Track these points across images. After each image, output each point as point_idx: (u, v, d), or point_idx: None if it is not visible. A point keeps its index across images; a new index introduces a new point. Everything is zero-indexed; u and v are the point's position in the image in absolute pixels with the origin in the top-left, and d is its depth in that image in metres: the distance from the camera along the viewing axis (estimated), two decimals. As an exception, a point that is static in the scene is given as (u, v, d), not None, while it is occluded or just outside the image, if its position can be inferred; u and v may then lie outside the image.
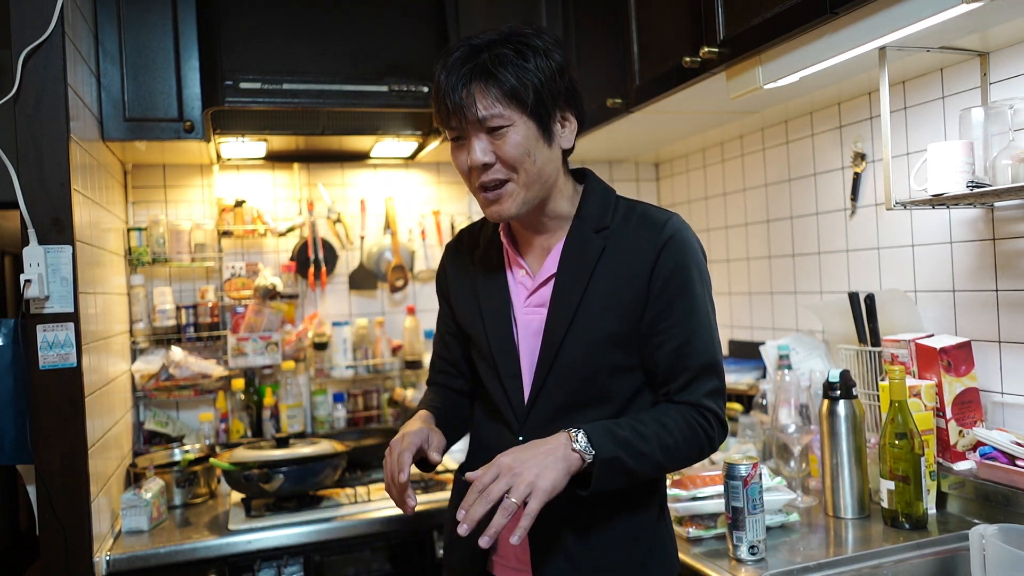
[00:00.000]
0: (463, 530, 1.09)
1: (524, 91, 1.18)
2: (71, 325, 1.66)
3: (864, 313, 1.85)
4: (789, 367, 2.03)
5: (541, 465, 1.11)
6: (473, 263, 1.41)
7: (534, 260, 1.34)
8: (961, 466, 1.64)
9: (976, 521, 1.55)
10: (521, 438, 1.29)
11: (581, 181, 1.36)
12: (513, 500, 1.08)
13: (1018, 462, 1.52)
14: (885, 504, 1.59)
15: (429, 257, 2.82)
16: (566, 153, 1.31)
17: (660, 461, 1.21)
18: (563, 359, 1.26)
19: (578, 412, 1.26)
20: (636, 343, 1.27)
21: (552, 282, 1.29)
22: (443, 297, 1.49)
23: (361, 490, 2.10)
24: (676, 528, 1.58)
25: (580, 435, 1.15)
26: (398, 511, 1.94)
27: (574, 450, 1.14)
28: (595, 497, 1.22)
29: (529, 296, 1.32)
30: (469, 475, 1.14)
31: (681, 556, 1.48)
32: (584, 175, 1.37)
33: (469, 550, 1.36)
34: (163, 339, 2.48)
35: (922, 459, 1.56)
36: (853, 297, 1.88)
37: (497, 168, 1.22)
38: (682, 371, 1.25)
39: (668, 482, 1.61)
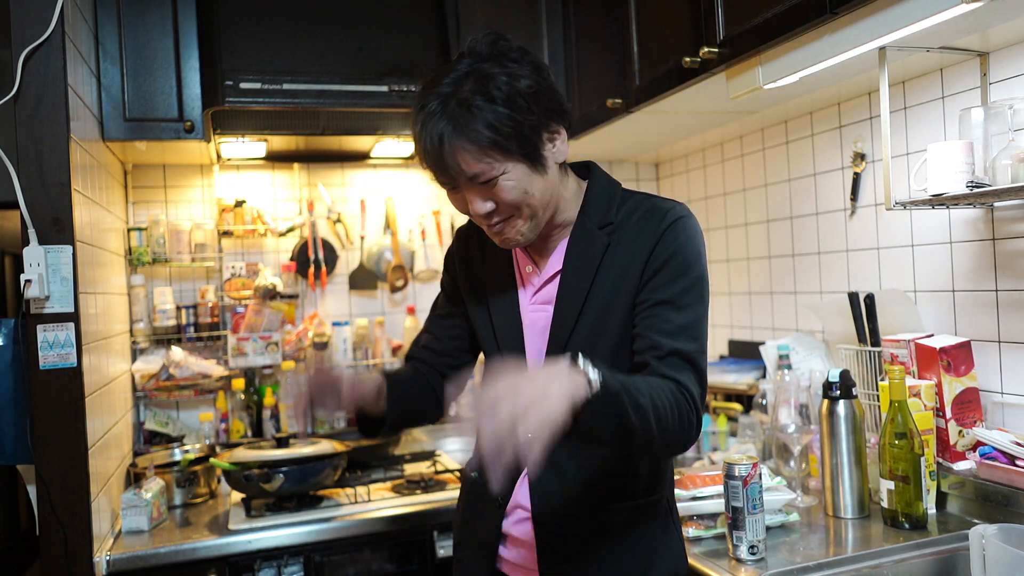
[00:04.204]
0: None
1: (504, 139, 1.12)
2: (71, 325, 1.66)
3: (864, 313, 1.85)
4: (789, 367, 2.03)
5: (550, 388, 0.94)
6: (482, 256, 1.40)
7: (540, 257, 1.33)
8: (961, 466, 1.64)
9: (976, 521, 1.55)
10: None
11: (585, 176, 1.33)
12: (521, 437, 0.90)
13: (1018, 462, 1.52)
14: (885, 504, 1.59)
15: (429, 257, 2.82)
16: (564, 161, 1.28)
17: (650, 422, 1.05)
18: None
19: None
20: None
21: (558, 279, 1.28)
22: (450, 278, 1.46)
23: (361, 490, 2.10)
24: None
25: (584, 361, 1.00)
26: (398, 511, 1.96)
27: (580, 373, 0.97)
28: (600, 498, 1.24)
29: (535, 293, 1.31)
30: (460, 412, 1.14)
31: (681, 556, 1.49)
32: (588, 168, 1.34)
33: (479, 549, 1.37)
34: (163, 339, 2.48)
35: (922, 459, 1.56)
36: (853, 297, 1.88)
37: (500, 211, 1.19)
38: (670, 353, 1.16)
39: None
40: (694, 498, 1.59)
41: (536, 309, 1.31)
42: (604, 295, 1.24)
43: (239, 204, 2.60)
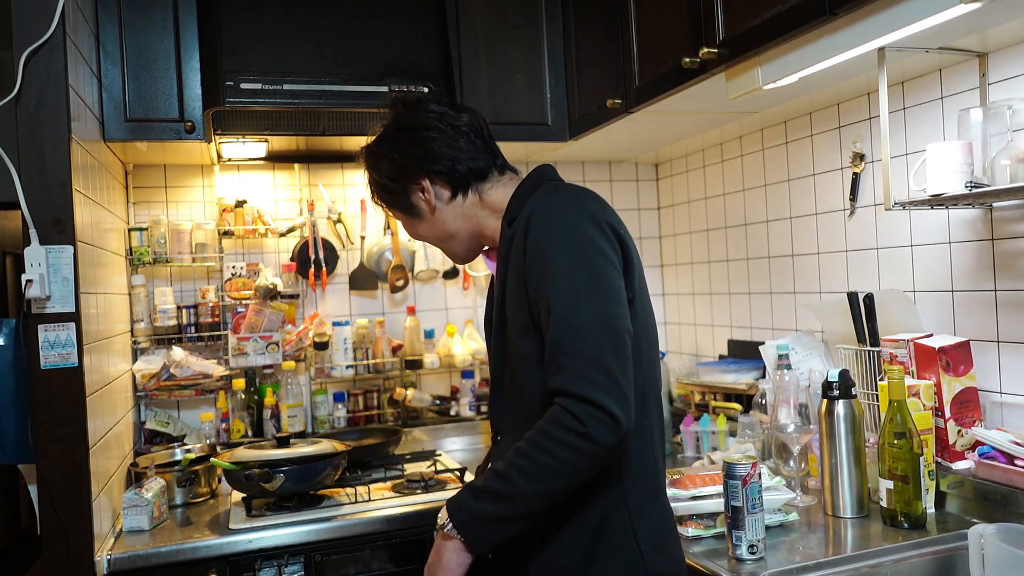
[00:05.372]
0: None
1: (380, 200, 1.45)
2: (72, 325, 1.67)
3: (863, 313, 1.86)
4: (788, 367, 2.03)
5: (436, 566, 1.23)
6: None
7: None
8: (960, 465, 1.65)
9: (975, 520, 1.55)
10: (499, 437, 1.35)
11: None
12: None
13: (1017, 461, 1.52)
14: (884, 503, 1.59)
15: (429, 257, 2.82)
16: (460, 194, 1.37)
17: (527, 490, 1.13)
18: (506, 354, 1.30)
19: (518, 403, 1.27)
20: (536, 334, 1.21)
21: None
22: None
23: (361, 490, 2.11)
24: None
25: (443, 511, 1.23)
26: (399, 510, 1.96)
27: (443, 533, 1.22)
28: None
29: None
30: None
31: (680, 555, 1.49)
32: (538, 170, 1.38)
33: None
34: (164, 339, 2.48)
35: (921, 458, 1.56)
36: (852, 297, 1.88)
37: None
38: (548, 354, 1.14)
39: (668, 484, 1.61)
40: (693, 497, 1.59)
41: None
42: (509, 292, 1.27)
43: (240, 204, 2.61)
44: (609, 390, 1.09)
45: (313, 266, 2.66)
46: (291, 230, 2.67)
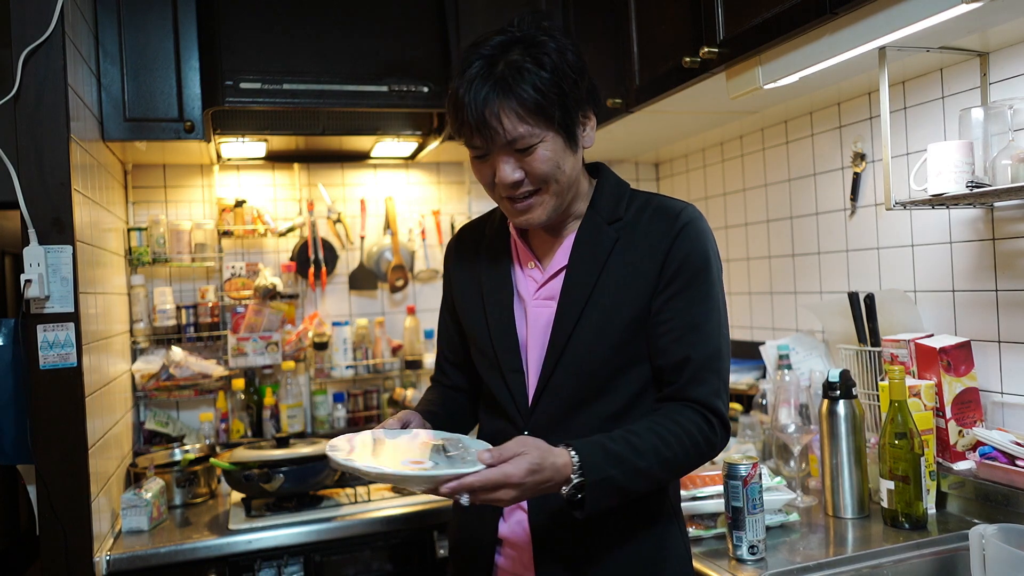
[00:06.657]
0: (465, 500, 1.05)
1: (549, 106, 1.14)
2: (71, 325, 1.66)
3: (864, 313, 1.85)
4: (789, 367, 2.03)
5: (531, 495, 1.08)
6: (477, 257, 1.39)
7: (544, 252, 1.32)
8: (961, 466, 1.65)
9: (976, 521, 1.55)
10: (526, 432, 1.26)
11: (595, 175, 1.35)
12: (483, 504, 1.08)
13: (1018, 462, 1.52)
14: (885, 504, 1.59)
15: (429, 257, 2.82)
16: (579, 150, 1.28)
17: (657, 475, 1.17)
18: (571, 353, 1.24)
19: (584, 407, 1.24)
20: (643, 334, 1.24)
21: (563, 275, 1.27)
22: (448, 294, 1.46)
23: (361, 490, 2.10)
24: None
25: (575, 456, 1.09)
26: (398, 511, 1.96)
27: (570, 477, 1.09)
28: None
29: (539, 289, 1.30)
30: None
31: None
32: (598, 169, 1.35)
33: (475, 553, 1.35)
34: (163, 339, 2.48)
35: (922, 459, 1.56)
36: (853, 297, 1.88)
37: (527, 183, 1.20)
38: (686, 363, 1.20)
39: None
40: (694, 498, 1.59)
41: (540, 305, 1.29)
42: (611, 292, 1.24)
43: (239, 204, 2.61)
44: (727, 411, 1.24)
45: (313, 266, 2.66)
46: (291, 230, 2.66)
